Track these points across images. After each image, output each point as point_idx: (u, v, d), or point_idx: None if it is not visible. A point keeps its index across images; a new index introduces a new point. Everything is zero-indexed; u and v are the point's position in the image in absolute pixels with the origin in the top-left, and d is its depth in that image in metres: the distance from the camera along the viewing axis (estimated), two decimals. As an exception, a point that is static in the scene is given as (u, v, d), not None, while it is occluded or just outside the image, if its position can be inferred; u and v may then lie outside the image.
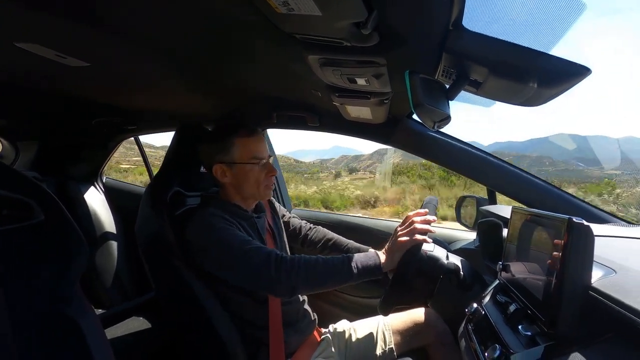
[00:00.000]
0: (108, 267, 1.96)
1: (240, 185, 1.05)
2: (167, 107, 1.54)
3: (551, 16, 0.61)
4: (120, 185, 2.43)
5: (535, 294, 0.60)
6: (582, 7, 0.57)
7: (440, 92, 0.78)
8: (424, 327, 1.15)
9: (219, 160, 1.04)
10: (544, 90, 0.69)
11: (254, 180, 1.04)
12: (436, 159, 1.31)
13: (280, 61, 0.92)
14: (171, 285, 1.01)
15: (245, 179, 1.04)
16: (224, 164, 1.04)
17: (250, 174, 1.04)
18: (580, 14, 0.58)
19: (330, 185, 14.66)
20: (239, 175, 1.04)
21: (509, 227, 0.83)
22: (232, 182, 1.05)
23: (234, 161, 1.03)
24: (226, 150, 1.03)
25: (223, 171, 1.04)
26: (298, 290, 0.89)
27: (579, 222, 0.52)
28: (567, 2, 0.58)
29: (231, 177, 1.05)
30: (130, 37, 0.78)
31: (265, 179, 1.06)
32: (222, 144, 1.03)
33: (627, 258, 0.63)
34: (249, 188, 1.05)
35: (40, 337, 0.53)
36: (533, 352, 0.55)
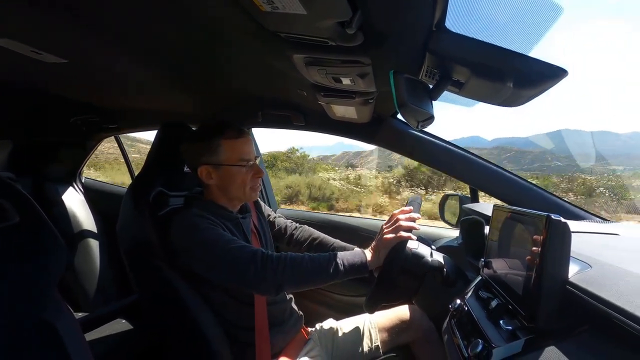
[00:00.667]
0: (88, 270, 1.90)
1: (226, 187, 1.04)
2: (150, 106, 1.51)
3: (530, 19, 0.63)
4: (101, 185, 2.37)
5: (516, 290, 0.62)
6: (559, 11, 0.59)
7: (423, 92, 0.79)
8: (409, 324, 1.16)
9: (204, 161, 1.02)
10: (523, 91, 0.71)
11: (241, 182, 1.03)
12: (420, 158, 1.33)
13: (265, 60, 0.92)
14: (155, 287, 0.99)
15: (232, 181, 1.03)
16: (210, 166, 1.02)
17: (237, 176, 1.02)
18: (558, 17, 0.60)
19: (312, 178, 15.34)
20: (225, 176, 1.02)
21: (491, 225, 0.85)
22: (217, 183, 1.04)
23: (220, 163, 1.01)
24: (212, 152, 1.01)
25: (209, 172, 1.02)
26: (284, 288, 0.88)
27: (557, 219, 0.54)
28: (545, 6, 0.59)
29: (217, 179, 1.03)
30: (109, 33, 0.76)
31: (252, 181, 1.05)
32: (208, 145, 1.01)
33: (602, 253, 0.66)
34: (235, 190, 1.04)
35: (16, 342, 0.51)
36: (513, 346, 0.57)
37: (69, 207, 1.99)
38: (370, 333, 1.14)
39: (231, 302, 1.01)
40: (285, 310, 1.11)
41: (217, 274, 0.91)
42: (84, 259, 1.92)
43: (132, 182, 1.09)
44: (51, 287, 0.58)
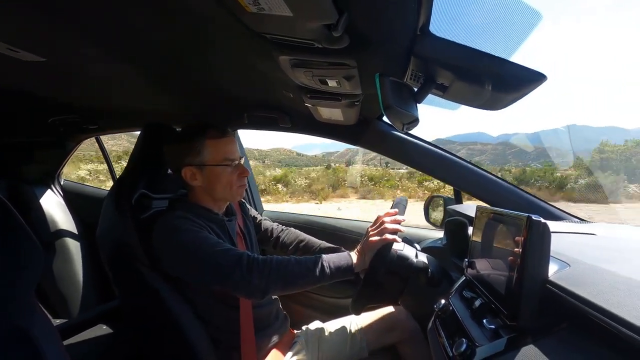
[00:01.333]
0: (67, 275, 1.85)
1: (211, 188, 1.03)
2: (132, 106, 1.47)
3: (511, 25, 0.64)
4: (81, 188, 2.31)
5: (499, 289, 0.63)
6: (538, 18, 0.61)
7: (408, 95, 0.80)
8: (395, 325, 1.17)
9: (188, 162, 1.00)
10: (504, 95, 0.73)
11: (226, 182, 1.02)
12: (405, 160, 1.35)
13: (251, 61, 0.91)
14: (137, 292, 0.97)
15: (217, 181, 1.01)
16: (194, 167, 1.00)
17: (222, 176, 1.01)
18: (537, 23, 0.62)
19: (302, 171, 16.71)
20: (210, 177, 1.01)
21: (474, 226, 0.86)
22: (202, 184, 1.02)
23: (204, 163, 1.00)
24: (196, 152, 0.99)
25: (193, 174, 1.01)
26: (270, 291, 0.88)
27: (537, 219, 0.56)
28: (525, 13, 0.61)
29: (202, 180, 1.01)
30: (90, 31, 0.74)
31: (238, 180, 1.04)
32: (192, 146, 1.00)
33: (580, 252, 0.68)
34: (220, 190, 1.03)
35: None
36: (496, 345, 0.58)
37: (47, 210, 1.93)
38: (356, 334, 1.15)
39: (216, 306, 0.99)
40: (271, 313, 1.10)
41: (202, 278, 0.90)
42: (63, 264, 1.86)
43: (113, 185, 1.07)
44: (27, 292, 0.56)
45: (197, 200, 1.05)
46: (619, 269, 0.54)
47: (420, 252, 1.02)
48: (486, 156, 29.88)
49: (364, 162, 17.23)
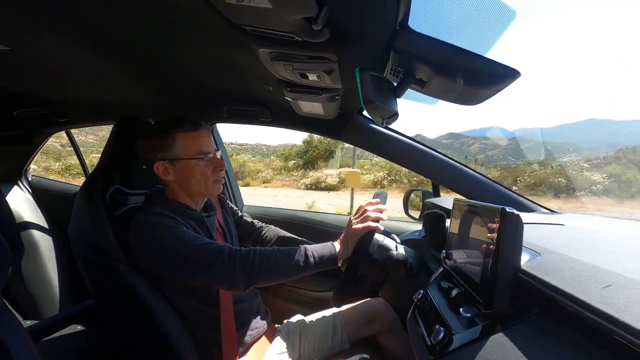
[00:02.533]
0: (37, 275, 1.77)
1: (185, 183, 1.00)
2: (104, 98, 1.42)
3: (487, 22, 0.66)
4: (51, 184, 2.21)
5: (474, 279, 0.65)
6: (512, 15, 0.63)
7: (388, 89, 0.81)
8: (375, 317, 1.19)
9: (161, 157, 0.97)
10: (480, 90, 0.75)
11: (201, 176, 0.99)
12: (384, 153, 1.36)
13: (229, 53, 0.89)
14: (113, 290, 0.94)
15: (191, 175, 0.99)
16: (167, 161, 0.97)
17: (196, 169, 0.99)
18: (511, 20, 0.63)
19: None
20: (183, 171, 0.99)
21: (451, 218, 0.89)
22: (176, 179, 1.00)
23: (177, 157, 0.97)
24: (168, 146, 0.97)
25: (165, 169, 0.98)
26: (253, 282, 0.87)
27: (511, 211, 0.58)
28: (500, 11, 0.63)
29: (175, 175, 0.99)
30: (58, 18, 0.71)
31: (213, 174, 1.02)
32: (164, 139, 0.97)
33: (550, 242, 0.71)
34: (195, 184, 1.00)
35: None
36: (472, 332, 0.60)
37: (14, 208, 1.84)
38: (338, 326, 1.16)
39: (194, 303, 0.98)
40: (252, 308, 1.10)
41: (184, 273, 0.88)
42: (32, 263, 1.78)
43: (85, 180, 1.03)
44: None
45: (173, 196, 1.03)
46: (586, 257, 0.57)
47: (399, 244, 1.03)
48: (499, 151, 30.57)
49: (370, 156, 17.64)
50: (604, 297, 0.43)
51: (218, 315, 0.98)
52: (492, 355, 0.52)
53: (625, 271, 0.48)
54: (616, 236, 0.79)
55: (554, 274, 0.53)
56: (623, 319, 0.38)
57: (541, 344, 0.49)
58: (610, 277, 0.47)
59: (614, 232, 0.85)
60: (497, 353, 0.51)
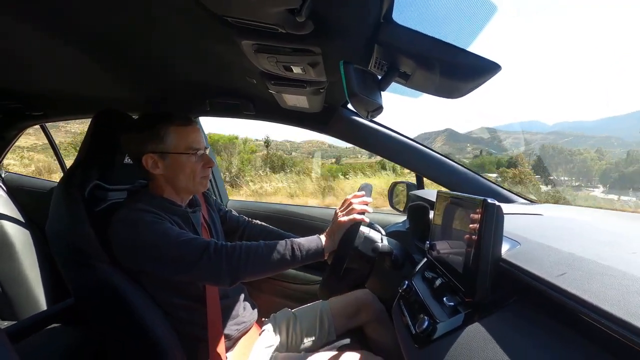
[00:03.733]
0: (14, 274, 1.71)
1: (173, 177, 0.98)
2: (81, 91, 1.37)
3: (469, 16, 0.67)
4: (26, 180, 2.13)
5: (457, 268, 0.67)
6: (493, 9, 0.64)
7: (373, 82, 0.81)
8: (362, 308, 1.21)
9: (150, 149, 0.95)
10: (462, 84, 0.76)
11: (190, 172, 0.98)
12: (369, 147, 1.37)
13: (212, 45, 0.87)
14: (94, 289, 0.92)
15: (180, 171, 0.98)
16: (156, 154, 0.96)
17: (186, 165, 0.97)
18: (492, 15, 0.64)
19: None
20: (173, 166, 0.97)
21: (435, 210, 0.90)
22: (164, 173, 0.98)
23: (168, 151, 0.96)
24: (159, 139, 0.95)
25: (155, 162, 0.96)
26: (240, 277, 0.87)
27: (492, 202, 0.59)
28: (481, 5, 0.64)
29: (164, 169, 0.97)
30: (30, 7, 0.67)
31: (202, 171, 1.01)
32: (155, 132, 0.95)
33: (529, 232, 0.73)
34: (183, 180, 0.99)
35: None
36: (455, 320, 0.61)
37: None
38: (325, 318, 1.17)
39: (180, 301, 0.97)
40: (238, 302, 1.09)
41: (168, 270, 0.87)
42: (8, 263, 1.72)
43: (63, 176, 0.99)
44: None
45: (158, 192, 1.01)
46: (563, 246, 0.59)
47: (384, 236, 1.05)
48: (533, 146, 30.27)
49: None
50: (580, 284, 0.44)
51: (204, 310, 0.97)
52: (474, 342, 0.53)
53: (600, 258, 0.50)
54: (591, 225, 0.83)
55: (533, 262, 0.55)
56: (598, 303, 0.40)
57: (521, 330, 0.51)
58: (586, 264, 0.49)
59: (589, 221, 0.89)
60: (479, 339, 0.53)
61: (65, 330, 1.07)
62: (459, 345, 0.56)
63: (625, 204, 10.97)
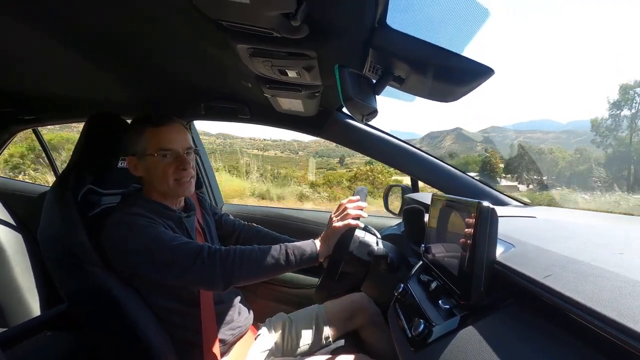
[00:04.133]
0: (5, 280, 1.68)
1: (151, 180, 0.98)
2: (75, 95, 1.36)
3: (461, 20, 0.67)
4: (17, 185, 2.10)
5: (452, 271, 0.67)
6: (486, 14, 0.64)
7: (367, 86, 0.81)
8: (357, 311, 1.21)
9: (131, 151, 0.97)
10: (456, 88, 0.77)
11: (162, 174, 0.96)
12: (364, 150, 1.38)
13: (207, 49, 0.87)
14: (88, 293, 0.91)
15: (153, 172, 0.96)
16: (135, 157, 0.97)
17: (157, 166, 0.95)
18: (485, 19, 0.65)
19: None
20: (147, 168, 0.97)
21: (430, 213, 0.91)
22: (144, 175, 0.98)
23: (143, 152, 0.96)
24: (137, 141, 0.96)
25: (135, 165, 0.97)
26: (234, 281, 0.86)
27: (487, 205, 0.60)
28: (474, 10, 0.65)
29: (142, 170, 0.97)
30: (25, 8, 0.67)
31: (175, 173, 0.97)
32: (134, 134, 0.96)
33: (523, 234, 0.74)
34: (157, 182, 0.97)
35: None
36: (450, 323, 0.62)
37: (-23, 211, 1.74)
38: (320, 322, 1.17)
39: (174, 305, 0.96)
40: (233, 307, 1.08)
41: (162, 274, 0.86)
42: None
43: (56, 180, 0.98)
44: None
45: (150, 195, 1.00)
46: (557, 248, 0.60)
47: (380, 239, 1.05)
48: (545, 146, 29.98)
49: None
50: (574, 286, 0.45)
51: (198, 315, 0.96)
52: (470, 345, 0.54)
53: (594, 260, 0.51)
54: (585, 227, 0.83)
55: (528, 265, 0.55)
56: (591, 305, 0.40)
57: (516, 332, 0.51)
58: (579, 266, 0.50)
59: (582, 223, 0.90)
60: (475, 342, 0.53)
61: (59, 336, 1.05)
62: (455, 348, 0.56)
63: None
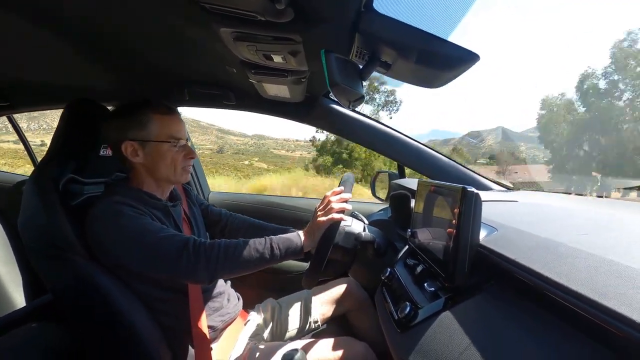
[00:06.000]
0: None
1: (153, 166, 0.96)
2: (52, 81, 1.30)
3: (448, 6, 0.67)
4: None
5: (437, 255, 0.69)
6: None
7: (354, 72, 0.80)
8: (345, 296, 1.23)
9: (131, 136, 0.93)
10: (441, 73, 0.77)
11: (171, 162, 0.96)
12: (351, 136, 1.38)
13: (189, 33, 0.85)
14: (72, 284, 0.89)
15: (161, 160, 0.95)
16: (137, 142, 0.93)
17: (167, 153, 0.95)
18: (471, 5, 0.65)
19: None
20: (153, 155, 0.95)
21: (416, 198, 0.92)
22: (144, 162, 0.95)
23: (149, 139, 0.93)
24: (141, 126, 0.93)
25: (134, 149, 0.93)
26: (218, 275, 0.86)
27: (471, 190, 0.61)
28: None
29: (143, 157, 0.95)
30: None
31: (183, 161, 0.98)
32: (137, 119, 0.93)
33: (505, 218, 0.76)
34: (164, 169, 0.96)
35: None
36: (435, 305, 0.63)
37: (-48, 202, 1.67)
38: (309, 307, 1.19)
39: (161, 293, 0.95)
40: (222, 294, 1.09)
41: (146, 266, 0.85)
42: (-22, 260, 1.64)
43: (35, 169, 0.95)
44: None
45: (138, 184, 0.98)
46: (538, 231, 0.62)
47: (367, 225, 1.06)
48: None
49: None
50: (552, 266, 0.46)
51: (186, 303, 0.96)
52: (454, 324, 0.55)
53: (571, 241, 0.53)
54: (563, 210, 0.86)
55: (510, 247, 0.57)
56: (567, 284, 0.42)
57: (499, 312, 0.53)
58: (557, 247, 0.52)
59: (561, 207, 0.93)
60: (459, 322, 0.55)
61: (44, 326, 1.03)
62: (439, 328, 0.58)
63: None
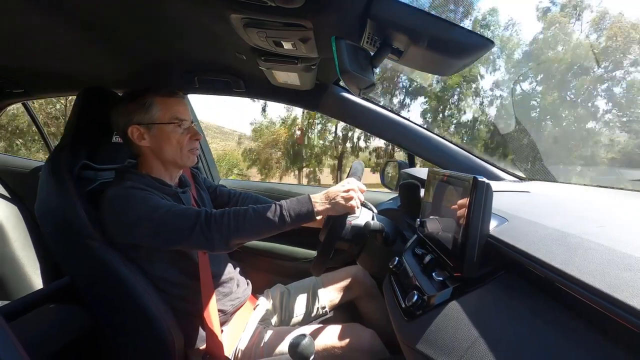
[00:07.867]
0: (4, 255, 1.70)
1: (160, 149, 0.98)
2: (65, 68, 1.32)
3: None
4: (11, 160, 2.07)
5: (446, 245, 0.68)
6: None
7: (365, 59, 0.79)
8: (353, 283, 1.24)
9: (136, 121, 0.95)
10: (455, 60, 0.75)
11: (176, 143, 0.98)
12: (361, 125, 1.37)
13: (200, 19, 0.84)
14: (88, 266, 0.92)
15: (166, 142, 0.97)
16: (142, 126, 0.95)
17: (172, 135, 0.97)
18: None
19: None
20: (158, 137, 0.96)
21: (426, 187, 0.91)
22: (151, 145, 0.97)
23: (153, 121, 0.95)
24: (145, 110, 0.95)
25: (140, 133, 0.96)
26: (232, 240, 0.87)
27: (482, 180, 0.60)
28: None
29: (150, 140, 0.97)
30: None
31: (189, 143, 1.00)
32: (141, 103, 0.95)
33: (516, 208, 0.75)
34: (170, 151, 0.98)
35: None
36: (444, 294, 0.63)
37: (-29, 187, 1.73)
38: (318, 294, 1.20)
39: (174, 277, 0.98)
40: (232, 280, 1.11)
41: (163, 240, 0.88)
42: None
43: (50, 155, 0.97)
44: None
45: (147, 170, 0.99)
46: (549, 222, 0.61)
47: (376, 214, 1.06)
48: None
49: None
50: (565, 258, 0.46)
51: (198, 287, 0.98)
52: (462, 314, 0.55)
53: (585, 233, 0.52)
54: (577, 202, 0.85)
55: (520, 238, 0.56)
56: (579, 276, 0.41)
57: (507, 302, 0.52)
58: (570, 239, 0.51)
59: (575, 198, 0.91)
60: (466, 312, 0.55)
61: (62, 308, 1.07)
62: (447, 318, 0.58)
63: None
